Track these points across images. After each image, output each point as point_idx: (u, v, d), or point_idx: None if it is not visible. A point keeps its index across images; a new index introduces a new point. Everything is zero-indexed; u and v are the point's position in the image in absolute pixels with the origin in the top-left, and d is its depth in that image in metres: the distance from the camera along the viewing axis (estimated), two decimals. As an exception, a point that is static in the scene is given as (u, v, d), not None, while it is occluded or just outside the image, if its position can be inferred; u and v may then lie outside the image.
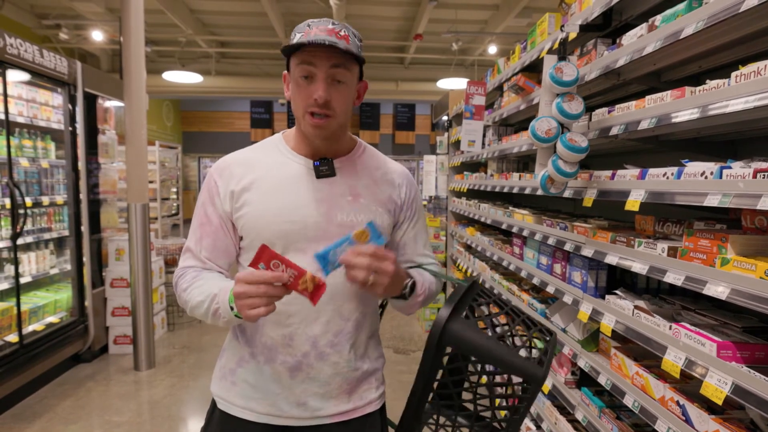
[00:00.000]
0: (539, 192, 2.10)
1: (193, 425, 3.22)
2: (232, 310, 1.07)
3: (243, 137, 12.42)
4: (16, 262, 3.48)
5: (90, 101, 4.16)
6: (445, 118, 5.12)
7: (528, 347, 1.08)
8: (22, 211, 3.44)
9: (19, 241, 3.50)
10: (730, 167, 1.27)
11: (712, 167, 1.30)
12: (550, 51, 2.32)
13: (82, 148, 4.06)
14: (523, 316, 1.14)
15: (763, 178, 1.13)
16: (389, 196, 1.27)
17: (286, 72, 1.21)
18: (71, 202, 4.04)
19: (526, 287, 2.86)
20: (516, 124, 3.60)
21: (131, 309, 4.08)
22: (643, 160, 2.29)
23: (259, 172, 1.21)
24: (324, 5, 6.79)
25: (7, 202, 3.39)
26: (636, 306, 1.66)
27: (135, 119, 3.89)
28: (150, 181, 7.17)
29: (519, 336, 1.09)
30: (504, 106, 3.21)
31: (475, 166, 4.56)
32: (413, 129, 12.95)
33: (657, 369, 1.59)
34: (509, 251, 2.99)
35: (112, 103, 4.54)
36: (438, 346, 1.04)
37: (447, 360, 1.10)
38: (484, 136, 3.63)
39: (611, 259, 1.73)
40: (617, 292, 1.85)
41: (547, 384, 2.32)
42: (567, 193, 1.99)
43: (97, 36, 7.67)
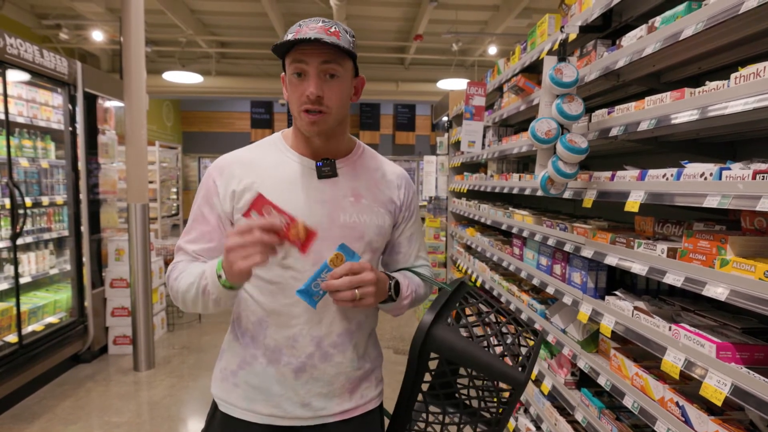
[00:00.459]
0: (539, 193, 2.10)
1: (193, 426, 3.22)
2: (219, 278, 1.05)
3: (243, 137, 12.41)
4: (15, 262, 3.48)
5: (90, 101, 4.16)
6: (446, 118, 5.12)
7: (513, 355, 1.09)
8: (21, 211, 3.44)
9: (19, 242, 3.50)
10: (729, 168, 1.27)
11: (711, 168, 1.30)
12: (550, 52, 2.32)
13: (82, 148, 4.06)
14: (511, 316, 1.15)
15: (763, 179, 1.13)
16: (389, 197, 1.28)
17: (283, 74, 1.21)
18: (71, 202, 4.04)
19: (525, 288, 2.86)
20: (516, 124, 3.60)
21: (131, 309, 4.08)
22: (643, 161, 2.29)
23: (260, 172, 1.20)
24: (324, 5, 6.78)
25: (7, 202, 3.39)
26: (636, 307, 1.66)
27: (135, 119, 3.89)
28: (150, 182, 7.17)
29: (503, 342, 1.10)
30: (504, 106, 3.21)
31: (475, 166, 4.56)
32: (413, 129, 12.93)
33: (656, 370, 1.59)
34: (509, 252, 2.99)
35: (112, 103, 4.54)
36: (421, 352, 1.05)
37: (433, 361, 1.10)
38: (484, 136, 3.63)
39: (611, 260, 1.73)
40: (617, 293, 1.85)
41: (547, 385, 2.32)
42: (567, 194, 1.99)
43: (98, 36, 7.66)
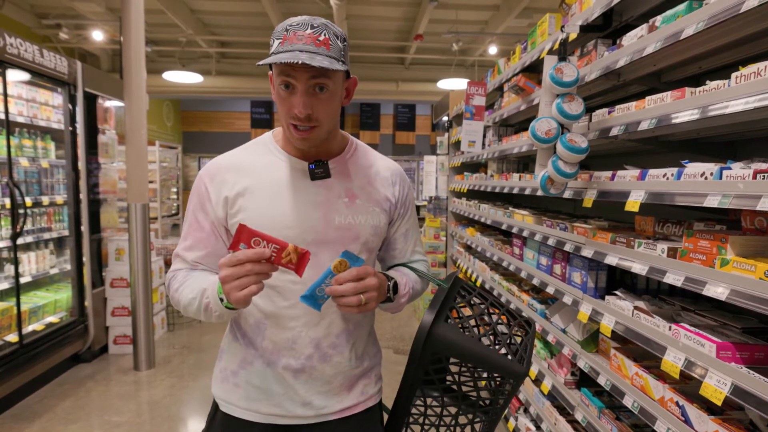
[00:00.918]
0: (539, 192, 2.10)
1: (193, 425, 3.22)
2: (222, 301, 1.06)
3: (243, 137, 12.41)
4: (16, 261, 3.48)
5: (90, 101, 4.16)
6: (446, 118, 5.12)
7: (508, 344, 1.11)
8: (22, 211, 3.44)
9: (19, 241, 3.50)
10: (729, 168, 1.27)
11: (712, 168, 1.30)
12: (550, 51, 2.32)
13: (82, 147, 4.05)
14: (504, 308, 1.16)
15: (763, 178, 1.13)
16: (384, 195, 1.26)
17: (270, 72, 1.16)
18: (71, 201, 4.04)
19: (526, 288, 2.86)
20: (516, 124, 3.60)
21: (131, 309, 4.08)
22: (643, 160, 2.29)
23: (253, 175, 1.18)
24: (324, 5, 6.78)
25: (7, 201, 3.39)
26: (636, 307, 1.66)
27: (135, 119, 3.89)
28: (150, 181, 7.17)
29: (500, 334, 1.12)
30: (504, 106, 3.21)
31: (476, 166, 4.56)
32: (413, 129, 12.93)
33: (656, 369, 1.59)
34: (509, 252, 2.99)
35: (112, 103, 4.54)
36: (423, 351, 1.05)
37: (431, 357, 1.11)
38: (484, 136, 3.63)
39: (611, 260, 1.73)
40: (617, 292, 1.85)
41: (547, 384, 2.32)
42: (567, 194, 1.99)
43: (98, 36, 7.66)
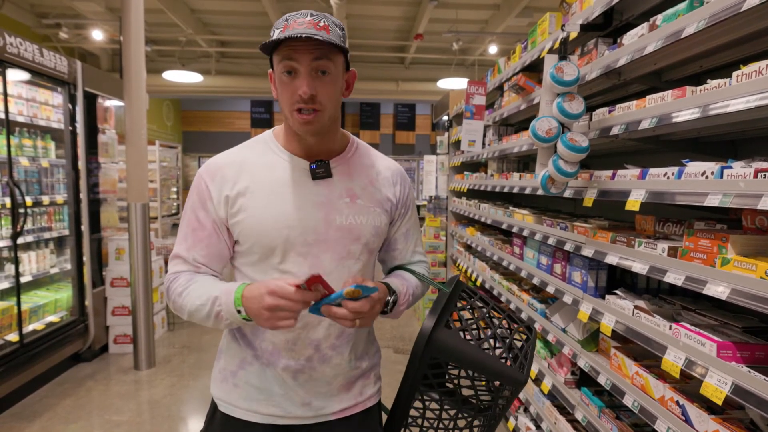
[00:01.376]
0: (539, 192, 2.10)
1: (193, 425, 3.22)
2: (239, 313, 1.06)
3: (243, 137, 12.28)
4: (16, 261, 3.48)
5: (90, 100, 4.16)
6: (446, 118, 5.12)
7: (509, 350, 1.10)
8: (22, 211, 3.44)
9: (20, 241, 3.50)
10: (730, 167, 1.27)
11: (712, 167, 1.29)
12: (550, 51, 2.32)
13: (82, 147, 4.05)
14: (505, 314, 1.16)
15: (764, 177, 1.13)
16: (385, 195, 1.26)
17: (270, 71, 1.17)
18: (71, 201, 4.04)
19: (526, 287, 2.86)
20: (516, 124, 3.60)
21: (131, 308, 4.08)
22: (644, 160, 2.29)
23: (253, 174, 1.17)
24: (324, 5, 6.78)
25: (8, 201, 3.39)
26: (636, 306, 1.66)
27: (135, 119, 3.89)
28: (150, 181, 7.17)
29: (500, 338, 1.11)
30: (504, 105, 3.20)
31: (476, 166, 4.55)
32: (413, 129, 12.93)
33: (657, 369, 1.59)
34: (509, 251, 2.99)
35: (112, 103, 4.54)
36: (423, 356, 1.05)
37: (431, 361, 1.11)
38: (484, 136, 3.63)
39: (611, 259, 1.72)
40: (617, 292, 1.85)
41: (547, 384, 2.32)
42: (567, 193, 1.99)
43: (98, 35, 7.66)
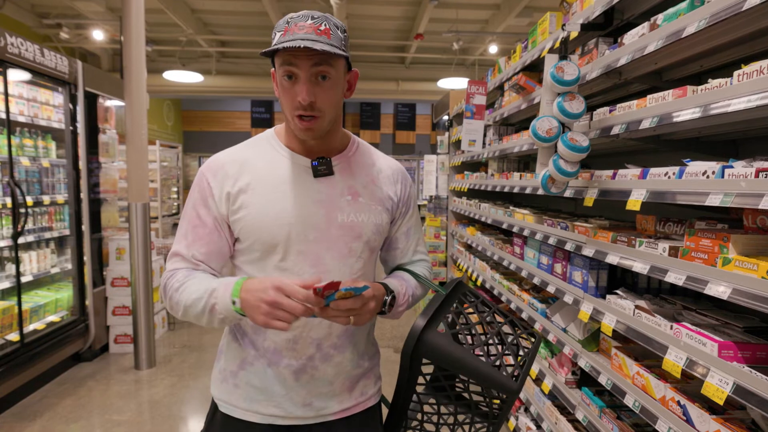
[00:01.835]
0: (540, 192, 2.10)
1: (194, 424, 3.22)
2: (233, 304, 1.04)
3: (244, 137, 12.22)
4: (17, 261, 3.48)
5: (91, 100, 4.16)
6: (446, 117, 5.11)
7: (514, 354, 1.09)
8: (23, 210, 3.44)
9: (20, 240, 3.50)
10: (732, 167, 1.26)
11: (713, 167, 1.29)
12: (551, 50, 2.32)
13: (82, 147, 4.06)
14: (508, 319, 1.15)
15: (765, 177, 1.13)
16: (387, 193, 1.26)
17: (273, 69, 1.16)
18: (72, 201, 4.04)
19: (526, 287, 2.86)
20: (517, 123, 3.59)
21: (132, 308, 4.08)
22: (645, 159, 2.29)
23: (255, 172, 1.17)
24: (324, 5, 6.77)
25: (8, 201, 3.39)
26: (637, 306, 1.66)
27: (135, 118, 3.89)
28: (151, 181, 7.18)
29: (502, 343, 1.10)
30: (505, 105, 3.20)
31: (476, 165, 4.55)
32: (414, 129, 12.94)
33: (658, 369, 1.59)
34: (510, 251, 2.99)
35: (112, 103, 4.54)
36: (413, 357, 1.04)
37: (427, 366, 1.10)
38: (484, 135, 3.63)
39: (612, 259, 1.72)
40: (618, 291, 1.85)
41: (548, 384, 2.32)
42: (568, 193, 1.98)
43: (98, 35, 7.66)
